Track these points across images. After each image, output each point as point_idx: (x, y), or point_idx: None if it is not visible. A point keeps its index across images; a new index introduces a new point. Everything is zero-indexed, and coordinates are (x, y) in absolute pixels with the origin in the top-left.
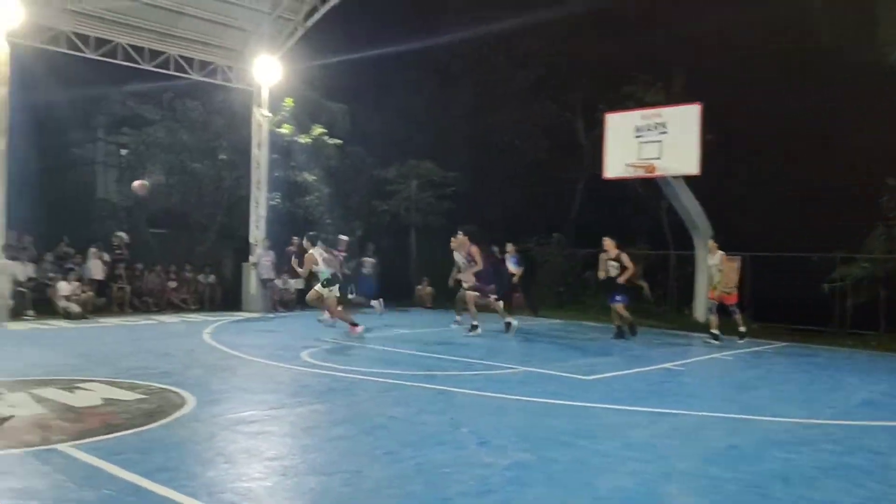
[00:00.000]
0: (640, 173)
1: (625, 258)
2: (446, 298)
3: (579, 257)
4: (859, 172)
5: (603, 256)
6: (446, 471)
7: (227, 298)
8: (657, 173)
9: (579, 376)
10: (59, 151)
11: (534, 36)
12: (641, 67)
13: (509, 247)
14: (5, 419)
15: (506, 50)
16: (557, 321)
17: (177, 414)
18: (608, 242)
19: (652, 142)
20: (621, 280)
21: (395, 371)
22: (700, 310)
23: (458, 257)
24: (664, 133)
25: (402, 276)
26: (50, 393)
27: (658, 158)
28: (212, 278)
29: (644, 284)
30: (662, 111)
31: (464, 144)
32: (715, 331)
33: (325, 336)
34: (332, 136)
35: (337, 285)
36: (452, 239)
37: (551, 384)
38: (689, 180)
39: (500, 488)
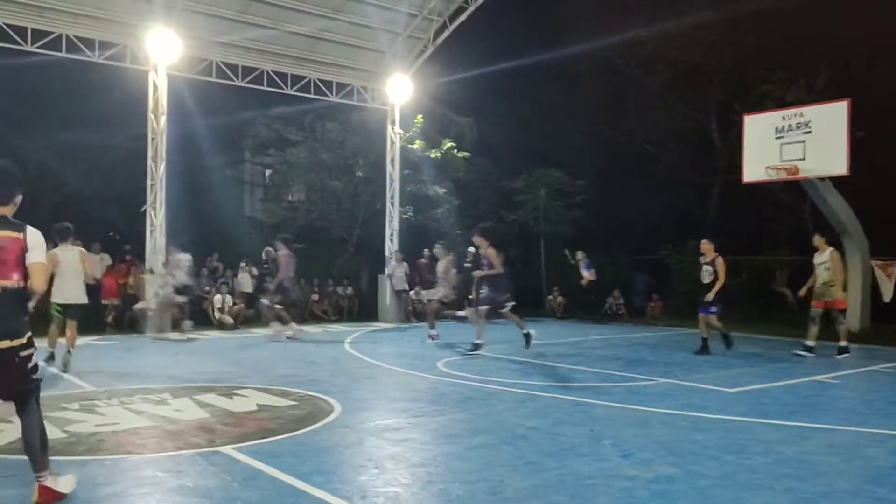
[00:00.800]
0: (782, 176)
1: (719, 264)
2: (578, 308)
3: None
4: None
5: (701, 260)
6: (590, 482)
7: (364, 309)
8: (801, 175)
9: (723, 388)
10: (209, 173)
11: (662, 38)
12: (781, 63)
13: (579, 254)
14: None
15: (633, 54)
16: (692, 330)
17: (326, 420)
18: (705, 245)
19: (794, 142)
20: (713, 292)
21: (531, 382)
22: (853, 319)
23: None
24: (808, 133)
25: (531, 286)
26: (210, 399)
27: (802, 160)
28: (350, 290)
29: (787, 292)
30: (805, 110)
31: (592, 151)
32: (811, 342)
33: (460, 347)
34: (460, 149)
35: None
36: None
37: (694, 396)
38: (837, 181)
39: (646, 502)
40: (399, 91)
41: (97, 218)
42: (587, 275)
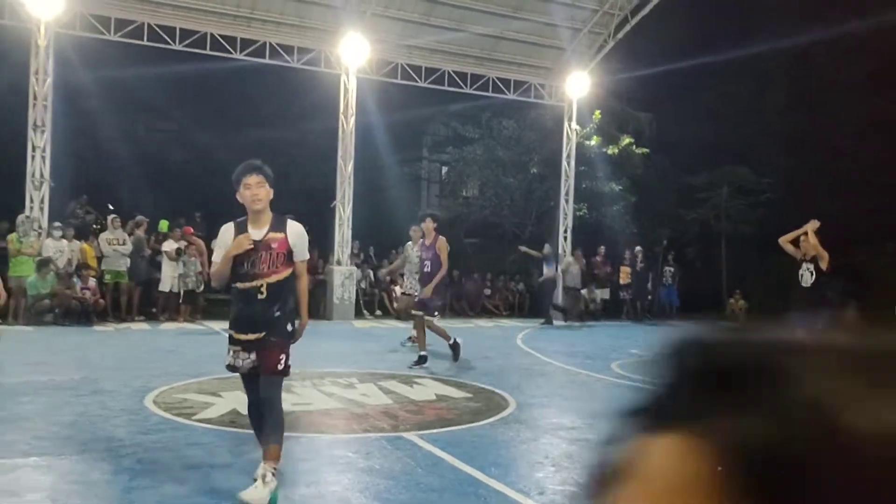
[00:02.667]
0: None
1: (823, 255)
2: (761, 312)
3: None
4: None
5: (798, 251)
6: None
7: (535, 305)
8: None
9: None
10: (388, 170)
11: (868, 26)
12: None
13: (547, 247)
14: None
15: (828, 43)
16: None
17: (501, 414)
18: (809, 232)
19: None
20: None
21: None
22: None
23: (412, 252)
24: None
25: (710, 287)
26: (393, 385)
27: None
28: (521, 286)
29: None
30: None
31: (780, 147)
32: None
33: (634, 349)
34: (638, 145)
35: None
36: (414, 229)
37: None
38: None
39: None
40: (577, 87)
41: (292, 211)
42: (547, 272)
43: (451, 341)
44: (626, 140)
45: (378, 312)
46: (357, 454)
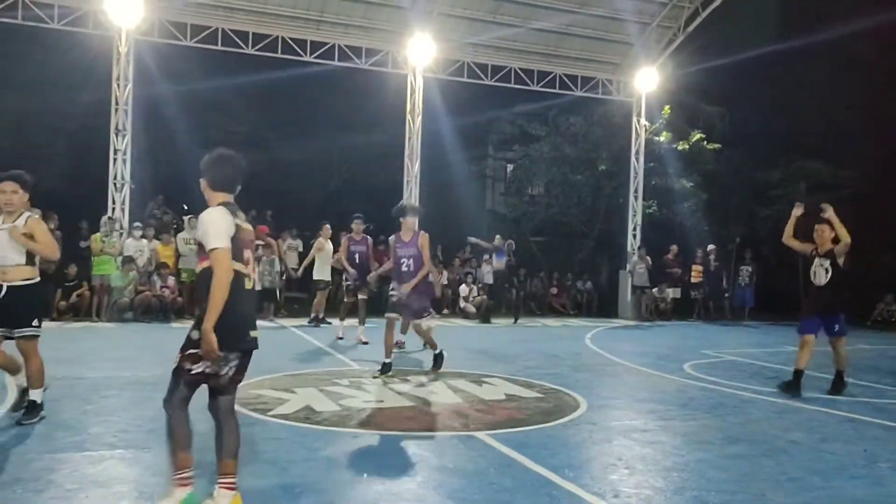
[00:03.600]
0: None
1: (840, 249)
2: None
3: None
4: None
5: (808, 246)
6: None
7: (603, 305)
8: None
9: None
10: (453, 168)
11: None
12: None
13: (498, 239)
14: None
15: None
16: None
17: (572, 415)
18: (831, 217)
19: None
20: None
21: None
22: None
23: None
24: None
25: (786, 286)
26: (462, 384)
27: None
28: (589, 285)
29: None
30: None
31: (863, 140)
32: None
33: (706, 349)
34: (709, 140)
35: None
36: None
37: None
38: None
39: None
40: (645, 82)
41: (358, 212)
42: (497, 263)
43: (438, 351)
44: (697, 135)
45: (445, 311)
46: (430, 452)
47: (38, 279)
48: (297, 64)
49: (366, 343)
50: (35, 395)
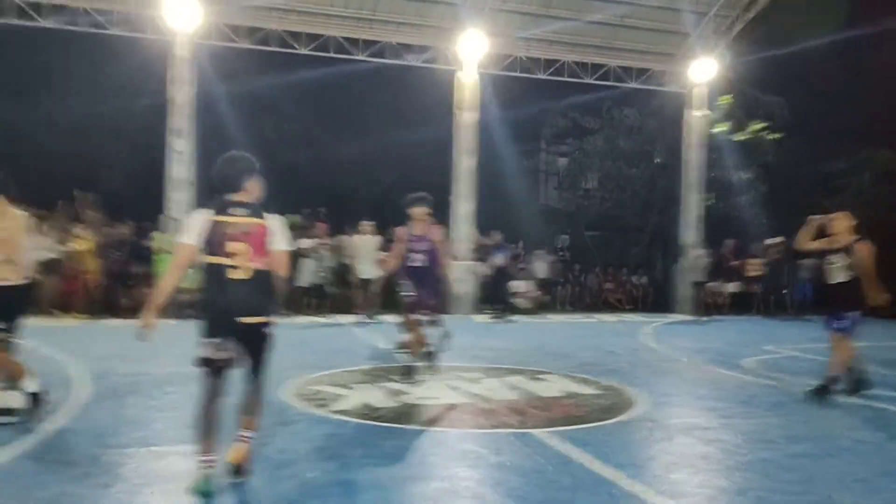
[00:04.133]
0: None
1: (861, 252)
2: None
3: None
4: None
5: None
6: None
7: (658, 300)
8: None
9: None
10: (505, 163)
11: None
12: None
13: (497, 235)
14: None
15: None
16: None
17: (631, 412)
18: (837, 220)
19: None
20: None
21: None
22: None
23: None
24: None
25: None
26: (518, 381)
27: None
28: (644, 279)
29: None
30: None
31: None
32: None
33: (766, 345)
34: (769, 130)
35: None
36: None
37: None
38: None
39: None
40: (702, 73)
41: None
42: (498, 260)
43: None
44: (757, 126)
45: (498, 307)
46: (487, 450)
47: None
48: (349, 62)
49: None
50: None
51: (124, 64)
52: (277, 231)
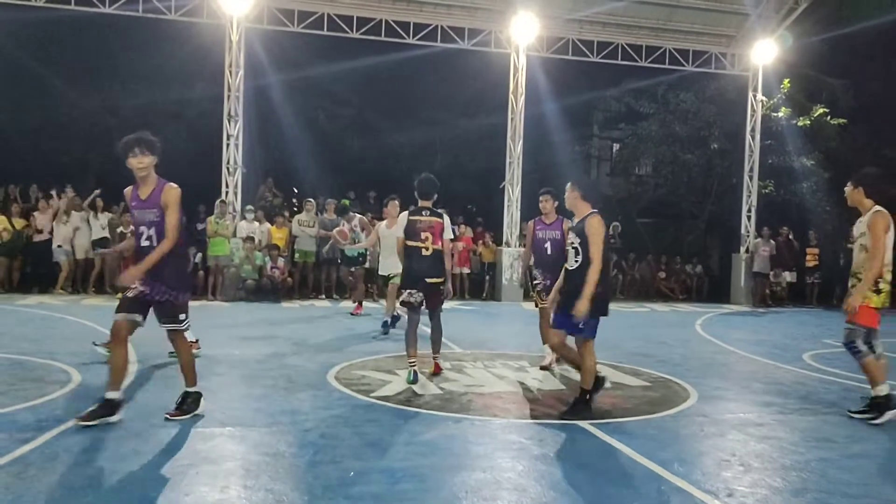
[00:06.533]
0: None
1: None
2: None
3: None
4: None
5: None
6: None
7: (714, 289)
8: None
9: None
10: (557, 148)
11: None
12: None
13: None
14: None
15: None
16: None
17: (682, 406)
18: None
19: None
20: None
21: None
22: None
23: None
24: None
25: None
26: (565, 371)
27: None
28: (699, 269)
29: None
30: None
31: None
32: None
33: (827, 338)
34: (832, 115)
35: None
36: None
37: None
38: None
39: None
40: (763, 55)
41: (463, 193)
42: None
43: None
44: (820, 110)
45: (532, 295)
46: (531, 440)
47: None
48: (400, 47)
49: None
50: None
51: (182, 49)
52: (447, 226)
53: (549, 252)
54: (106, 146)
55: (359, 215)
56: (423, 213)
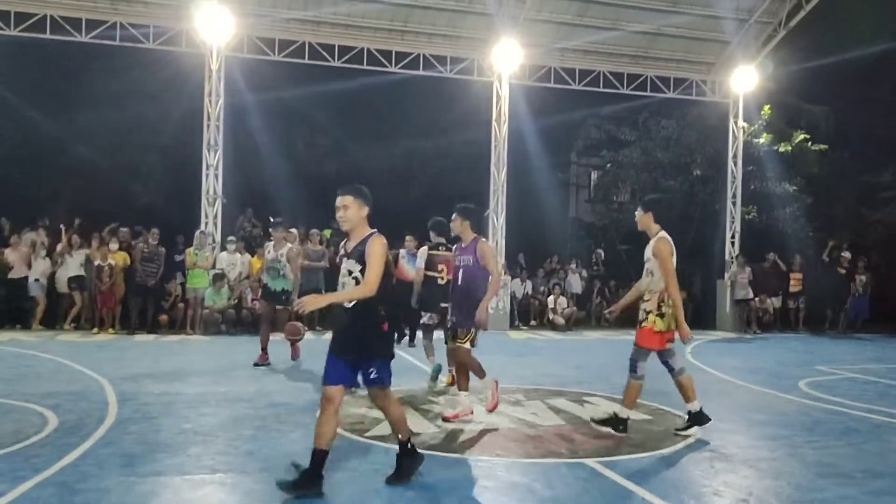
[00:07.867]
0: None
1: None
2: None
3: None
4: None
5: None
6: None
7: (697, 317)
8: None
9: None
10: (535, 175)
11: None
12: None
13: (409, 240)
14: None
15: None
16: None
17: (687, 440)
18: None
19: None
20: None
21: None
22: None
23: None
24: None
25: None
26: (562, 404)
27: None
28: (682, 295)
29: None
30: None
31: None
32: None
33: (820, 365)
34: (813, 141)
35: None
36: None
37: None
38: None
39: None
40: (743, 82)
41: (441, 218)
42: (409, 273)
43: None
44: (800, 136)
45: (533, 322)
46: (537, 482)
47: None
48: (382, 74)
49: None
50: None
51: (158, 78)
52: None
53: (459, 281)
54: (78, 177)
55: (288, 244)
56: (440, 248)
